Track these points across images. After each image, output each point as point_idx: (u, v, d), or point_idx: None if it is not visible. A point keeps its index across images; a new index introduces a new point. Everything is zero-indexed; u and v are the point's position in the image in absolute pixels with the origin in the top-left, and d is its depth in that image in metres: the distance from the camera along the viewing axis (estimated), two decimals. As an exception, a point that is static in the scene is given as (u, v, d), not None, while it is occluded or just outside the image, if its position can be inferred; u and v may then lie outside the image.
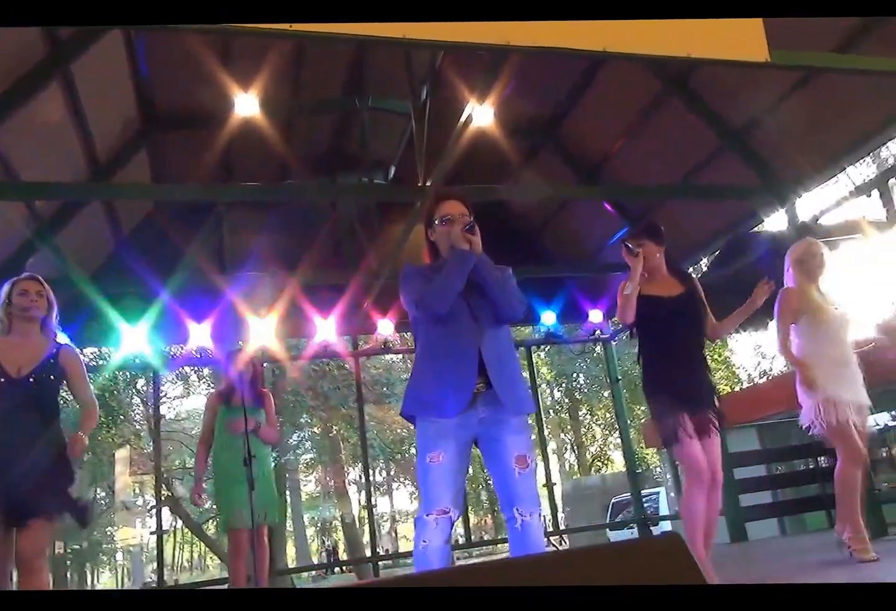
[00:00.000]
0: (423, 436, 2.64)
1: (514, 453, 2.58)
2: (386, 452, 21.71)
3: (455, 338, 2.66)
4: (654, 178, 6.74)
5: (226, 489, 4.51)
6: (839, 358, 4.02)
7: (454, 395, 2.59)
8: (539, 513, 2.59)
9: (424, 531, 2.52)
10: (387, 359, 19.00)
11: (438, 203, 2.87)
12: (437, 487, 2.55)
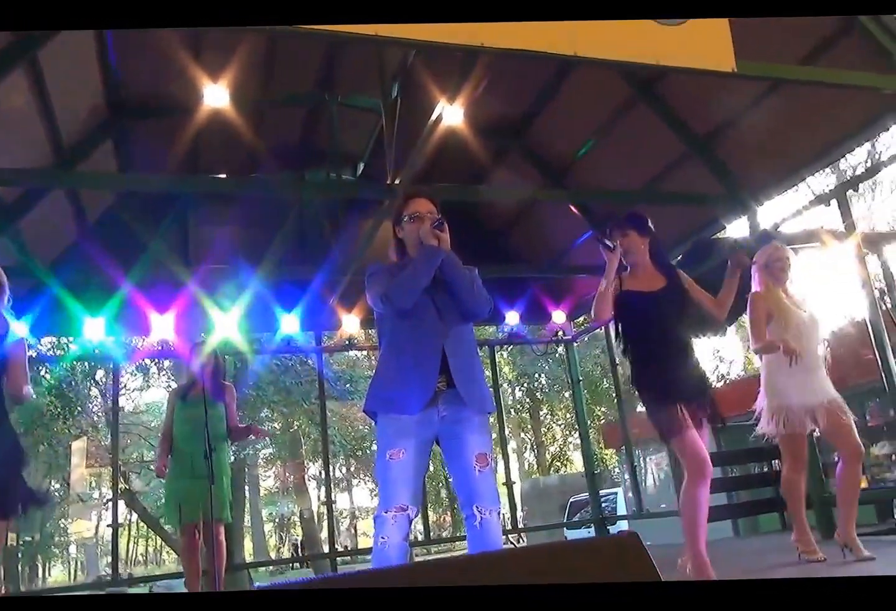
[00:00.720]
0: (384, 433, 2.65)
1: (474, 452, 2.61)
2: (347, 448, 21.66)
3: (419, 336, 2.67)
4: (620, 182, 6.82)
5: (184, 482, 4.49)
6: (805, 362, 3.99)
7: (416, 392, 2.60)
8: (498, 511, 2.61)
9: (383, 528, 2.53)
10: (350, 355, 18.95)
11: (407, 201, 2.90)
12: (396, 484, 2.56)
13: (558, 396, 23.82)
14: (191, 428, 4.49)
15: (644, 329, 3.55)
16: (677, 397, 3.41)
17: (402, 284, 2.68)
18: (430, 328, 2.68)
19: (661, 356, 3.50)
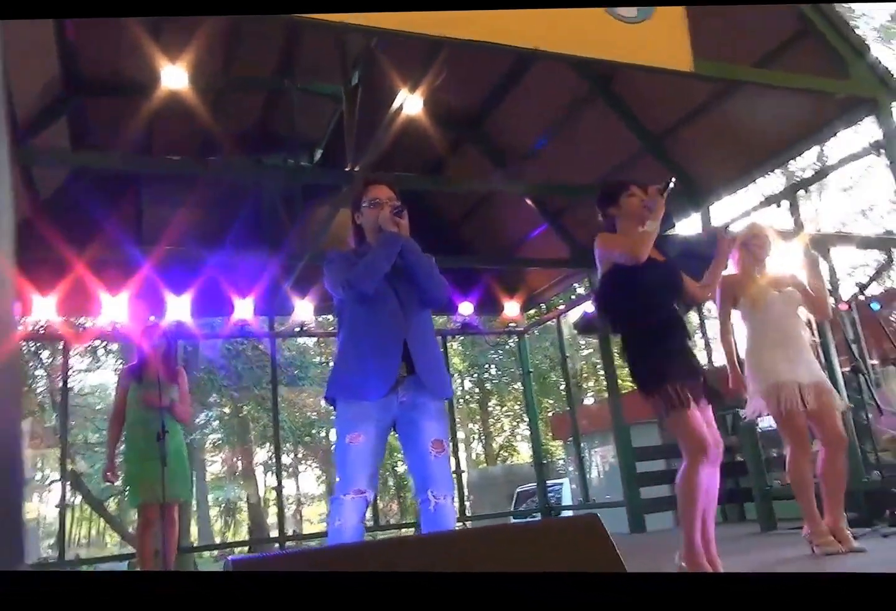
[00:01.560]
0: (344, 417, 2.66)
1: (430, 437, 2.64)
2: (296, 434, 21.57)
3: (380, 322, 2.69)
4: (575, 176, 6.90)
5: (138, 464, 4.48)
6: (783, 340, 3.94)
7: (378, 379, 2.62)
8: (452, 497, 2.65)
9: (340, 510, 2.55)
10: (301, 342, 18.87)
11: (367, 187, 2.89)
12: (355, 467, 2.58)
13: (507, 387, 24.00)
14: (143, 411, 4.47)
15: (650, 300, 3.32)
16: (677, 376, 3.22)
17: (362, 270, 2.68)
18: (391, 315, 2.69)
19: (667, 329, 3.33)
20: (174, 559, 4.58)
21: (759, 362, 3.97)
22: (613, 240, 3.40)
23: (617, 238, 3.41)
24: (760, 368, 3.95)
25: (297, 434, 21.62)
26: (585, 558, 1.31)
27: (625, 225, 3.42)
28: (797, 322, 4.06)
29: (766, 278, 4.10)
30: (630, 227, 3.39)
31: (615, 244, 3.37)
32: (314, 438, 23.75)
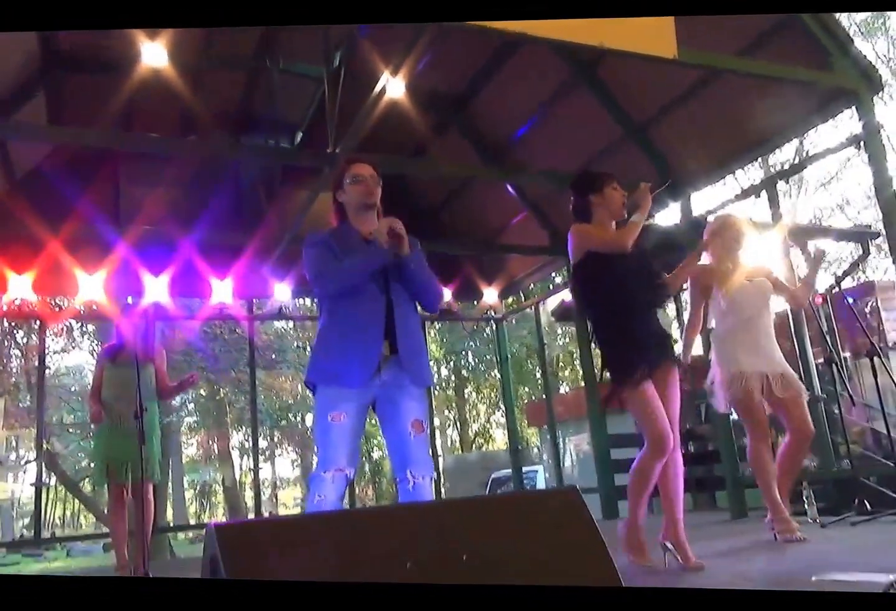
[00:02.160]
0: (324, 396, 2.66)
1: (410, 417, 2.65)
2: (273, 418, 21.54)
3: (362, 308, 2.67)
4: (556, 163, 6.90)
5: (112, 443, 4.45)
6: (748, 329, 3.97)
7: (359, 366, 2.61)
8: (431, 477, 2.66)
9: (321, 487, 2.55)
10: (279, 325, 18.80)
11: (349, 164, 2.88)
12: (336, 446, 2.59)
13: (484, 374, 24.07)
14: (120, 389, 4.45)
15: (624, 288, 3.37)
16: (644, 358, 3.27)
17: (337, 274, 2.69)
18: (373, 300, 2.67)
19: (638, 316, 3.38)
20: (150, 539, 4.57)
21: (724, 351, 4.02)
22: (593, 229, 3.43)
23: (596, 228, 3.44)
24: (724, 358, 4.00)
25: (273, 418, 21.59)
26: (564, 529, 1.33)
27: (602, 216, 3.44)
28: (765, 313, 4.08)
29: (739, 269, 4.13)
30: (606, 218, 3.44)
31: (595, 233, 3.41)
32: (290, 423, 23.73)
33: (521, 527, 1.30)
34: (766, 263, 4.36)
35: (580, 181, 3.59)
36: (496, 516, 1.32)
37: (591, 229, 3.43)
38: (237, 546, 1.14)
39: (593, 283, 3.44)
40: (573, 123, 6.79)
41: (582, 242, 3.42)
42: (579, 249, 3.43)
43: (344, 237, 2.77)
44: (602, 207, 3.44)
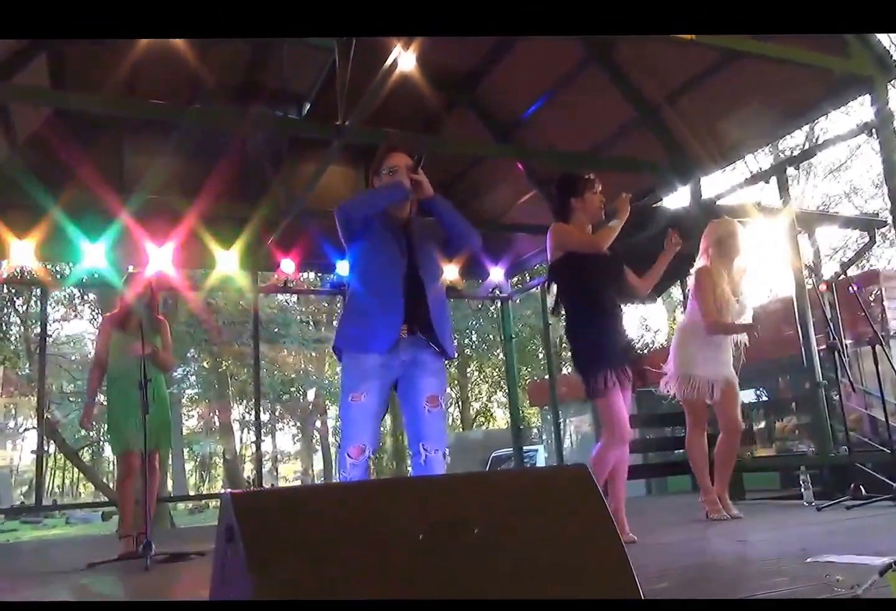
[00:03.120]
0: (348, 375, 2.77)
1: (426, 393, 2.75)
2: (275, 391, 21.63)
3: (388, 280, 2.77)
4: (566, 143, 6.86)
5: (120, 412, 4.46)
6: (713, 343, 4.26)
7: (382, 332, 2.70)
8: (444, 452, 2.75)
9: (344, 465, 2.70)
10: (282, 299, 18.81)
11: (389, 153, 3.00)
12: (357, 424, 2.71)
13: (487, 353, 24.12)
14: (126, 359, 4.44)
15: (596, 289, 3.60)
16: (611, 361, 3.53)
17: (358, 199, 2.98)
18: (396, 267, 2.78)
19: (604, 319, 3.61)
20: (155, 508, 4.60)
21: (684, 352, 4.33)
22: (572, 230, 3.64)
23: (575, 229, 3.64)
24: (683, 358, 4.31)
25: (275, 392, 21.68)
26: (573, 504, 1.34)
27: (580, 218, 3.67)
28: None
29: (732, 282, 4.33)
30: (584, 220, 3.67)
31: (574, 234, 3.62)
32: (292, 397, 23.83)
33: (531, 501, 1.31)
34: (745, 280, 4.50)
35: (563, 183, 3.78)
36: (508, 490, 1.34)
37: (571, 230, 3.64)
38: (254, 514, 1.16)
39: (569, 281, 3.67)
40: (584, 103, 6.74)
41: (561, 240, 3.64)
42: (558, 248, 3.65)
43: (379, 220, 2.87)
44: (581, 211, 3.65)
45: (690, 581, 2.35)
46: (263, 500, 1.23)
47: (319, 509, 1.20)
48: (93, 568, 3.93)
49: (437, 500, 1.26)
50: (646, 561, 2.90)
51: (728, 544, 3.37)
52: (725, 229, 4.36)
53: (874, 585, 1.67)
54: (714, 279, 4.27)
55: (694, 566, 2.73)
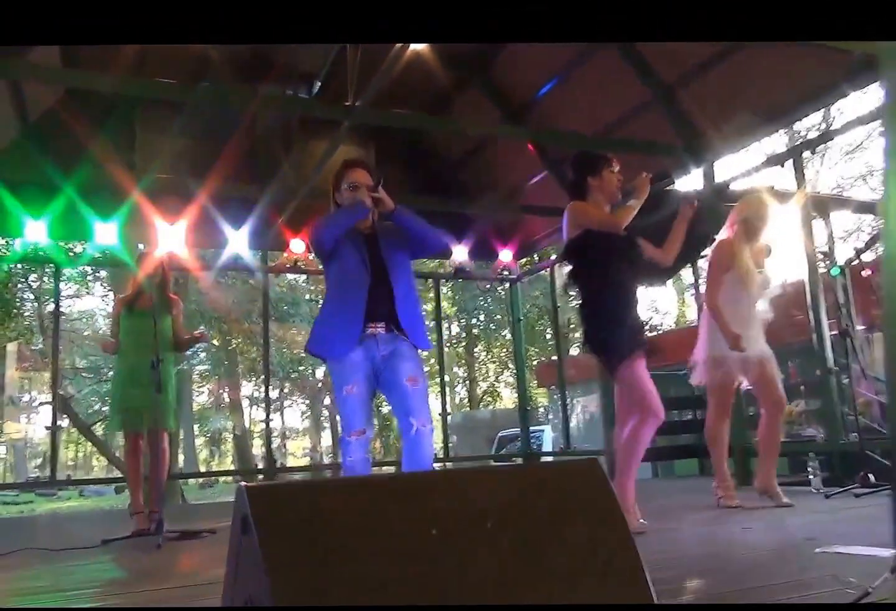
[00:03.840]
0: (336, 373, 3.05)
1: (406, 375, 3.01)
2: (285, 369, 21.72)
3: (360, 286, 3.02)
4: (578, 124, 6.80)
5: (129, 391, 4.49)
6: (745, 318, 4.15)
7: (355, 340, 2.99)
8: (431, 428, 2.99)
9: (348, 449, 2.98)
10: (292, 279, 18.84)
11: (346, 170, 3.18)
12: (354, 413, 2.99)
13: (495, 333, 24.15)
14: (137, 338, 4.46)
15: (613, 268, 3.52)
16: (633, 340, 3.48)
17: (323, 221, 3.11)
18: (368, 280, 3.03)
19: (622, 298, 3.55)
20: (165, 486, 4.64)
21: (713, 335, 4.18)
22: (591, 209, 3.58)
23: (592, 208, 3.59)
24: (712, 340, 4.18)
25: (284, 370, 21.77)
26: (585, 499, 1.35)
27: (598, 197, 3.62)
28: (759, 303, 4.30)
29: (754, 257, 4.25)
30: (601, 200, 3.61)
31: (592, 212, 3.57)
32: (301, 375, 23.93)
33: (543, 496, 1.31)
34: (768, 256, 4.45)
35: (579, 162, 3.72)
36: (520, 484, 1.34)
37: (589, 208, 3.58)
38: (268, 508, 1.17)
39: (586, 260, 3.59)
40: (598, 84, 6.67)
41: (579, 219, 3.57)
42: (575, 226, 3.58)
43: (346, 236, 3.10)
44: (598, 190, 3.60)
45: (697, 571, 2.36)
46: (277, 493, 1.24)
47: (332, 503, 1.20)
48: (106, 545, 3.99)
49: (451, 494, 1.27)
50: (653, 548, 2.91)
51: (735, 531, 3.37)
52: (756, 210, 4.30)
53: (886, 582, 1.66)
54: (733, 252, 4.21)
55: (701, 555, 2.74)
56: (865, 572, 1.96)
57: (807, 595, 1.87)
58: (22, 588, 2.88)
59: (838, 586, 1.92)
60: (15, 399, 24.64)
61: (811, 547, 2.60)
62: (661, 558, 2.67)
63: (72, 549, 3.84)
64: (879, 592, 1.62)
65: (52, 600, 2.53)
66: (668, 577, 2.25)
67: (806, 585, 2.01)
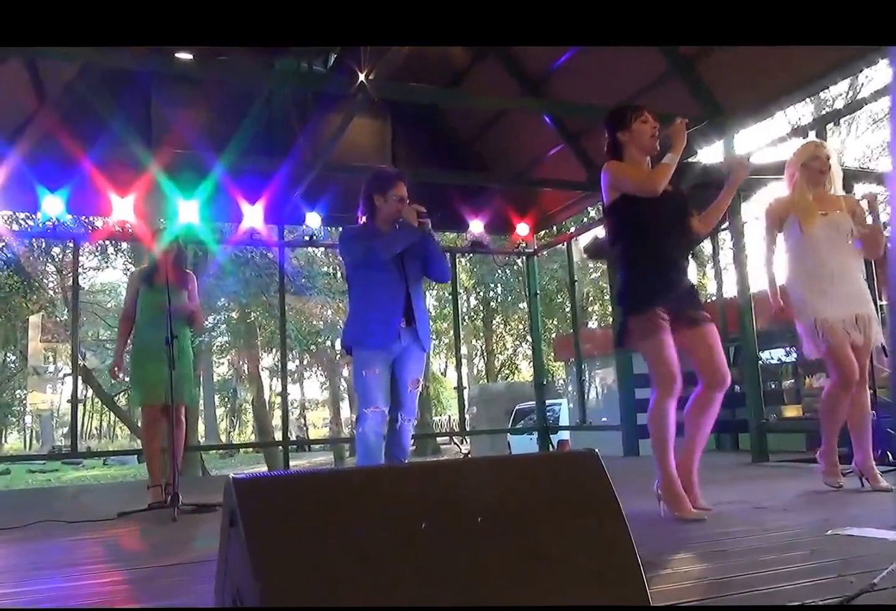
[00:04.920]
0: (360, 359, 3.61)
1: (412, 377, 3.64)
2: (302, 342, 21.83)
3: (387, 288, 3.57)
4: (596, 96, 6.67)
5: (143, 367, 4.53)
6: (822, 270, 3.77)
7: (384, 335, 3.55)
8: (413, 423, 3.71)
9: (364, 420, 3.53)
10: (309, 251, 18.84)
11: (398, 180, 3.62)
12: (373, 391, 3.53)
13: (512, 306, 24.11)
14: (153, 314, 4.49)
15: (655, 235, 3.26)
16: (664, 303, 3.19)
17: (383, 243, 3.52)
18: (396, 282, 3.58)
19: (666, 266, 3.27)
20: (182, 459, 4.69)
21: (800, 298, 3.83)
22: (626, 169, 3.29)
23: (628, 168, 3.30)
24: (801, 306, 3.81)
25: (303, 342, 21.89)
26: (581, 493, 1.32)
27: (632, 152, 3.32)
28: (843, 250, 3.81)
29: (819, 201, 3.88)
30: (637, 154, 3.31)
31: (628, 173, 3.27)
32: (319, 347, 24.05)
33: (537, 489, 1.29)
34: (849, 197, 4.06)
35: (609, 118, 3.42)
36: (513, 476, 1.32)
37: (624, 169, 3.29)
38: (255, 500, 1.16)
39: (625, 226, 3.34)
40: (616, 54, 6.54)
41: (614, 182, 3.30)
42: (612, 190, 3.32)
43: (373, 233, 3.60)
44: (631, 144, 3.30)
45: (706, 554, 2.34)
46: (265, 485, 1.23)
47: (321, 497, 1.19)
48: (123, 517, 4.05)
49: (441, 487, 1.25)
50: (662, 529, 2.91)
51: (747, 511, 3.35)
52: (811, 152, 3.94)
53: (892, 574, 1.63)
54: (783, 210, 3.89)
55: (710, 536, 2.72)
56: (876, 558, 1.94)
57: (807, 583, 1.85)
58: (37, 561, 2.93)
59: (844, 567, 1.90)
60: (39, 369, 25.01)
61: (823, 528, 2.58)
62: (666, 538, 2.66)
63: (89, 521, 3.89)
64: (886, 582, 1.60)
65: (64, 574, 2.56)
66: (672, 560, 2.24)
67: (809, 572, 1.98)
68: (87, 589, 2.29)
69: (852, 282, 3.79)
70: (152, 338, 4.45)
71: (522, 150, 8.17)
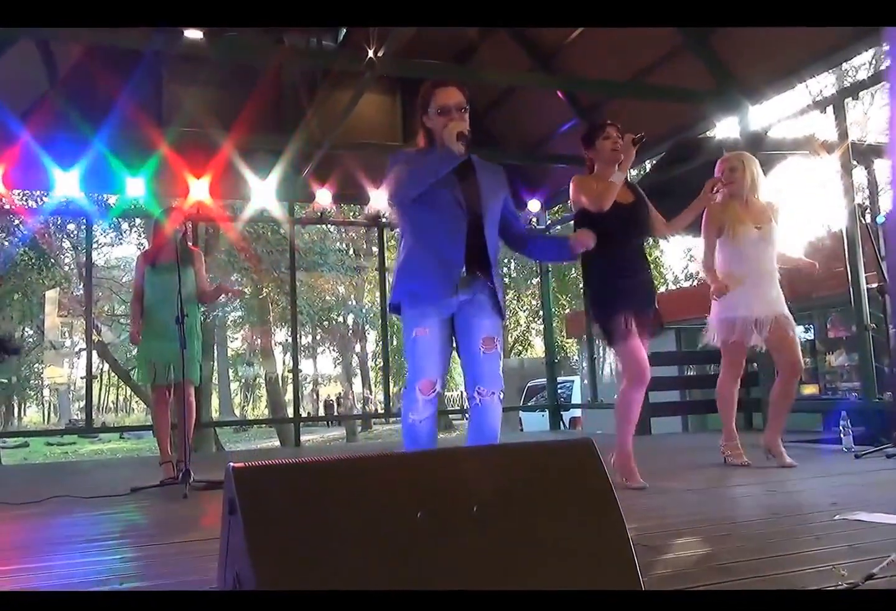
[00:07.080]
0: (409, 315, 2.75)
1: (481, 334, 2.73)
2: (314, 317, 21.89)
3: (444, 232, 2.69)
4: (609, 70, 6.59)
5: (151, 346, 4.57)
6: (756, 277, 4.08)
7: (441, 286, 2.69)
8: (499, 393, 2.73)
9: (413, 406, 2.68)
10: (321, 228, 18.83)
11: (434, 90, 2.77)
12: (424, 358, 2.69)
13: (525, 282, 24.04)
14: (161, 293, 4.51)
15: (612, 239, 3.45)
16: (628, 309, 3.58)
17: (408, 179, 2.68)
18: (456, 224, 2.69)
19: (622, 270, 3.64)
20: (192, 435, 4.73)
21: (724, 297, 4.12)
22: (583, 186, 3.66)
23: (586, 184, 3.65)
24: (722, 302, 4.14)
25: (315, 318, 21.95)
26: (576, 482, 1.32)
27: (600, 166, 3.71)
28: (768, 258, 4.17)
29: (749, 212, 4.18)
30: (604, 169, 3.69)
31: (583, 191, 3.62)
32: (332, 322, 24.13)
33: (532, 477, 1.29)
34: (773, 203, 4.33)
35: (581, 138, 3.84)
36: (508, 465, 1.31)
37: (582, 186, 3.65)
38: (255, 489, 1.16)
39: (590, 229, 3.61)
40: (628, 28, 6.43)
41: (574, 197, 3.74)
42: (574, 205, 3.74)
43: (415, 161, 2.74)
44: (598, 159, 3.72)
45: (711, 538, 2.33)
46: (264, 474, 1.23)
47: (319, 485, 1.19)
48: (135, 493, 4.10)
49: (437, 475, 1.25)
50: (669, 511, 2.90)
51: (757, 494, 3.34)
52: (728, 164, 4.23)
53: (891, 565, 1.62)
54: (720, 218, 4.17)
55: (717, 519, 2.71)
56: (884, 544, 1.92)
57: (810, 570, 1.83)
58: (50, 537, 2.97)
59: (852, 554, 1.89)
60: (56, 344, 25.25)
61: (833, 512, 2.56)
62: (672, 520, 2.66)
63: (103, 496, 3.94)
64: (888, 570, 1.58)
65: (76, 550, 2.59)
66: (677, 544, 2.24)
67: (813, 558, 1.97)
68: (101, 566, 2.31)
69: (769, 289, 4.13)
70: (159, 318, 4.49)
71: (534, 125, 8.09)
